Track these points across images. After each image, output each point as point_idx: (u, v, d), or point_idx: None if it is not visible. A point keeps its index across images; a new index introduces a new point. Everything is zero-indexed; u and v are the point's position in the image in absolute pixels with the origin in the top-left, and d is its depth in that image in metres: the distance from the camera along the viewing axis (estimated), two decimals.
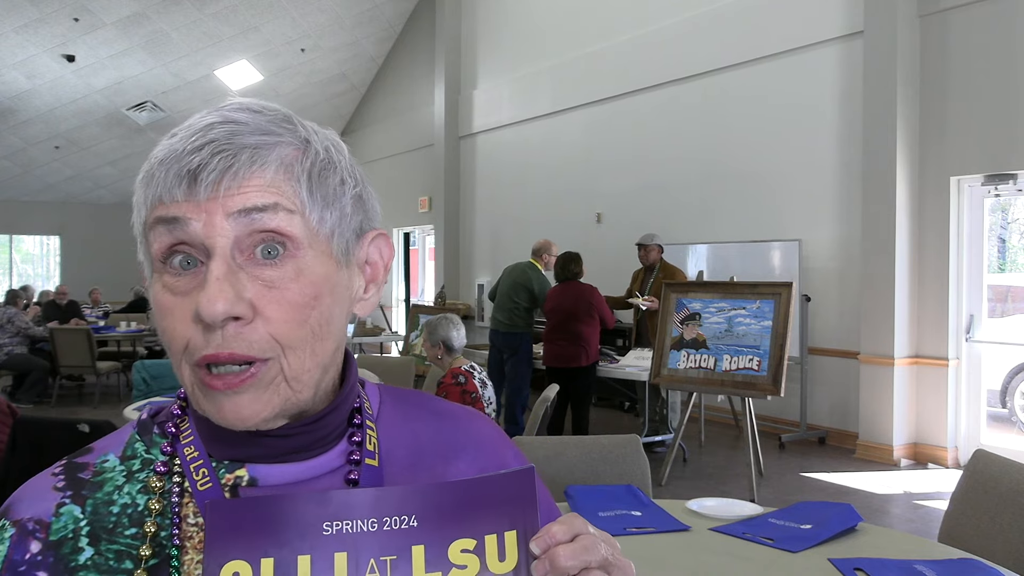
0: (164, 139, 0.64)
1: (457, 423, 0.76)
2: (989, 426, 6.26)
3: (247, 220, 0.60)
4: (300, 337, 0.62)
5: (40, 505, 0.65)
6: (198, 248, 0.60)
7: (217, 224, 0.59)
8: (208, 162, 0.59)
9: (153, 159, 0.62)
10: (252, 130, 0.61)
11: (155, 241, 0.61)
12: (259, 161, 0.61)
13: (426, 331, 3.92)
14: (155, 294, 0.63)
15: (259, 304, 0.60)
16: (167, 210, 0.60)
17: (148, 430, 0.70)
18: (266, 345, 0.60)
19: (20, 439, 3.20)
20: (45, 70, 12.23)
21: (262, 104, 0.65)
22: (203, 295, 0.58)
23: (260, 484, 0.66)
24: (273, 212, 0.60)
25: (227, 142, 0.60)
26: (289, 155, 0.62)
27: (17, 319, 8.96)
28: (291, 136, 0.63)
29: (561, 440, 2.67)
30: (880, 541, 1.98)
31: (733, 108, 7.58)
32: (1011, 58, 5.64)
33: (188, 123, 0.63)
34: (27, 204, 16.07)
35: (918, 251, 6.17)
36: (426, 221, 12.72)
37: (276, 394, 0.62)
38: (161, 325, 0.62)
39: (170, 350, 0.63)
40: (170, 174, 0.60)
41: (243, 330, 0.60)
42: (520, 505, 0.56)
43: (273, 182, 0.61)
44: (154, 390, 5.24)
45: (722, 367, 5.18)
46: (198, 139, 0.60)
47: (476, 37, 11.58)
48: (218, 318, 0.58)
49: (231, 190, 0.60)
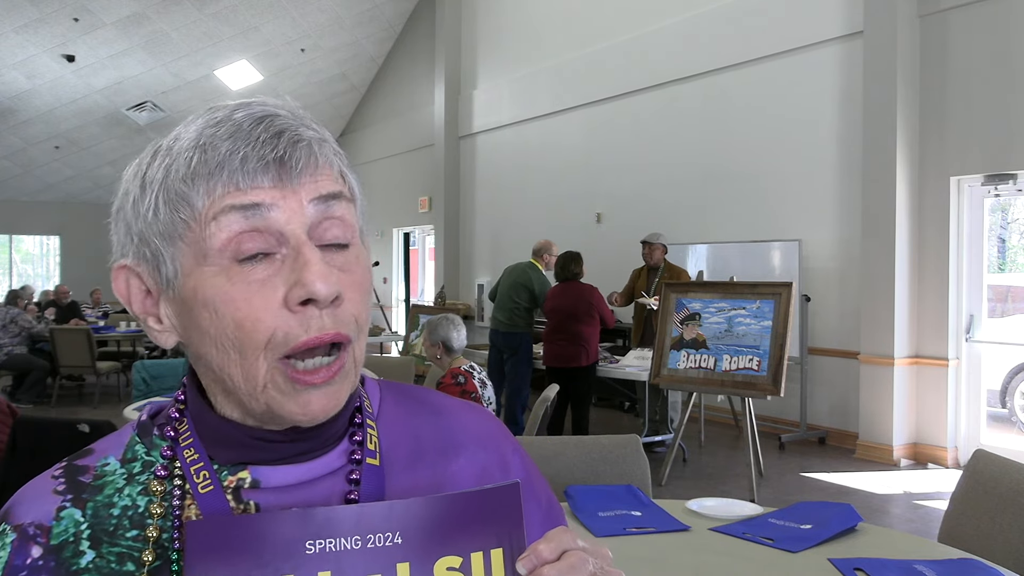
0: (195, 135, 0.61)
1: (458, 419, 0.76)
2: (989, 426, 6.25)
3: (324, 207, 0.62)
4: (367, 319, 0.65)
5: (40, 509, 0.65)
6: (273, 235, 0.60)
7: (298, 210, 0.60)
8: (291, 151, 0.60)
9: (211, 151, 0.60)
10: (305, 122, 0.63)
11: (221, 230, 0.59)
12: (325, 152, 0.64)
13: (426, 330, 3.91)
14: (216, 286, 0.59)
15: (342, 287, 0.61)
16: (246, 196, 0.59)
17: (148, 432, 0.69)
18: (353, 325, 0.62)
19: (20, 439, 3.20)
20: (45, 70, 12.23)
21: (281, 103, 0.65)
22: (309, 273, 0.58)
23: (263, 486, 0.65)
24: (340, 200, 0.63)
25: (297, 133, 0.62)
26: (330, 150, 0.65)
27: (20, 319, 8.98)
28: (319, 133, 0.65)
29: (561, 440, 2.67)
30: (880, 541, 1.98)
31: (733, 108, 7.58)
32: (1011, 58, 5.64)
33: (222, 117, 0.61)
34: (27, 204, 16.07)
35: (918, 251, 6.17)
36: (426, 221, 12.72)
37: (351, 384, 0.64)
38: (235, 317, 0.59)
39: (244, 346, 0.60)
40: (250, 162, 0.60)
41: (338, 311, 0.61)
42: (506, 521, 0.55)
43: (339, 172, 0.65)
44: (154, 390, 5.24)
45: (722, 367, 5.18)
46: (265, 130, 0.61)
47: (476, 37, 11.58)
48: (330, 296, 0.59)
49: (312, 178, 0.62)
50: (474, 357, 6.30)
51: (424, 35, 12.67)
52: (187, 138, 0.61)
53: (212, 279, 0.60)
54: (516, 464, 0.77)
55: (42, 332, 9.09)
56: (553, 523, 0.80)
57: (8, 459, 3.18)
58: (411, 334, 8.91)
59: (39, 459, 2.98)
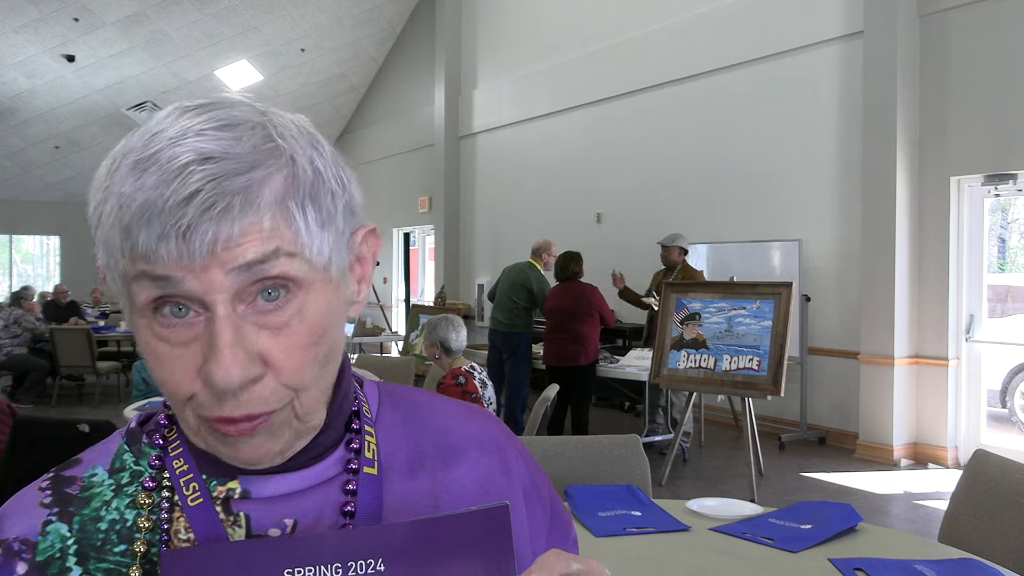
0: (128, 165, 0.56)
1: (459, 423, 0.74)
2: (989, 426, 6.25)
3: (248, 273, 0.55)
4: (311, 377, 0.59)
5: (26, 523, 0.63)
6: (193, 300, 0.55)
7: (216, 281, 0.54)
8: (198, 222, 0.53)
9: (127, 201, 0.54)
10: (237, 167, 0.54)
11: (140, 292, 0.56)
12: (252, 206, 0.54)
13: (426, 331, 3.90)
14: (145, 340, 0.58)
15: (269, 356, 0.57)
16: (154, 268, 0.54)
17: (137, 440, 0.67)
18: (280, 396, 0.58)
19: (20, 439, 3.20)
20: (45, 70, 12.24)
21: (229, 113, 0.57)
22: (215, 365, 0.54)
23: (254, 496, 0.63)
24: (274, 259, 0.55)
25: (215, 192, 0.53)
26: (279, 187, 0.56)
27: (24, 320, 9.00)
28: (274, 159, 0.56)
29: (561, 440, 2.67)
30: (880, 541, 1.98)
31: (733, 108, 7.58)
32: (1011, 58, 5.64)
33: (155, 152, 0.55)
34: (27, 204, 16.07)
35: (918, 251, 6.17)
36: (426, 221, 12.72)
37: (290, 431, 0.60)
38: (158, 375, 0.58)
39: (169, 396, 0.59)
40: (153, 232, 0.53)
41: (256, 388, 0.56)
42: (494, 545, 0.53)
43: (271, 227, 0.55)
44: (154, 390, 5.22)
45: (722, 367, 5.18)
46: (178, 188, 0.53)
47: (476, 37, 11.58)
48: (235, 386, 0.55)
49: (228, 244, 0.54)
50: (474, 357, 6.30)
51: (424, 35, 12.67)
52: (124, 166, 0.56)
53: (142, 330, 0.58)
54: (519, 467, 0.75)
55: (45, 330, 9.10)
56: (558, 527, 0.79)
57: (8, 459, 3.18)
58: (411, 334, 8.92)
59: (39, 459, 2.98)
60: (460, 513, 0.54)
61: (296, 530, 0.63)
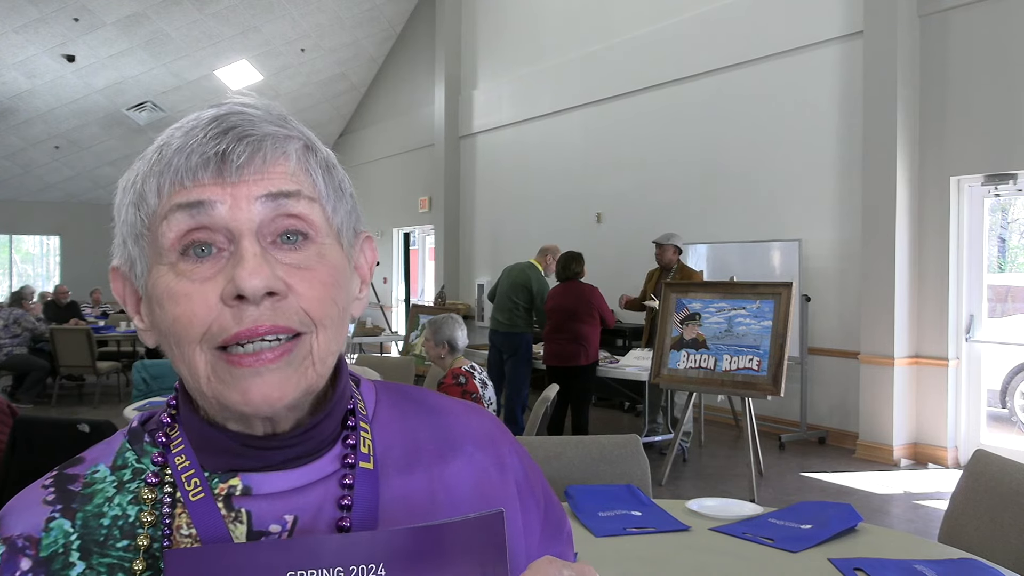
0: (165, 135, 0.63)
1: (455, 420, 0.75)
2: (989, 426, 6.25)
3: (273, 205, 0.61)
4: (330, 316, 0.63)
5: (29, 520, 0.64)
6: (220, 232, 0.60)
7: (244, 207, 0.60)
8: (235, 146, 0.60)
9: (166, 148, 0.62)
10: (268, 119, 0.63)
11: (170, 229, 0.60)
12: (281, 148, 0.62)
13: (430, 330, 3.90)
14: (164, 283, 0.61)
15: (291, 281, 0.61)
16: (190, 194, 0.60)
17: (139, 438, 0.68)
18: (302, 318, 0.61)
19: (20, 439, 3.19)
20: (45, 70, 12.24)
21: (259, 101, 0.65)
22: (241, 270, 0.58)
23: (255, 493, 0.64)
24: (297, 198, 0.62)
25: (250, 129, 0.61)
26: (301, 148, 0.64)
27: (24, 320, 9.00)
28: (298, 132, 0.65)
29: (561, 440, 2.67)
30: (880, 541, 1.98)
31: (733, 108, 7.58)
32: (1011, 58, 5.64)
33: (191, 118, 0.63)
34: (27, 204, 16.07)
35: (918, 251, 6.17)
36: (426, 221, 12.73)
37: (304, 376, 0.62)
38: (174, 312, 0.60)
39: (181, 339, 0.61)
40: (193, 158, 0.60)
41: (279, 304, 0.60)
42: (488, 553, 0.54)
43: (296, 170, 0.63)
44: (154, 390, 5.23)
45: (722, 367, 5.18)
46: (215, 127, 0.61)
47: (476, 37, 11.58)
48: (260, 291, 0.58)
49: (259, 174, 0.61)
50: (474, 357, 6.30)
51: (424, 35, 12.67)
52: (159, 139, 0.64)
53: (163, 277, 0.61)
54: (514, 464, 0.76)
55: (45, 329, 9.10)
56: (552, 523, 0.80)
57: (8, 459, 3.18)
58: (411, 334, 8.91)
59: (39, 459, 2.99)
60: (457, 521, 0.55)
61: (296, 526, 0.64)
